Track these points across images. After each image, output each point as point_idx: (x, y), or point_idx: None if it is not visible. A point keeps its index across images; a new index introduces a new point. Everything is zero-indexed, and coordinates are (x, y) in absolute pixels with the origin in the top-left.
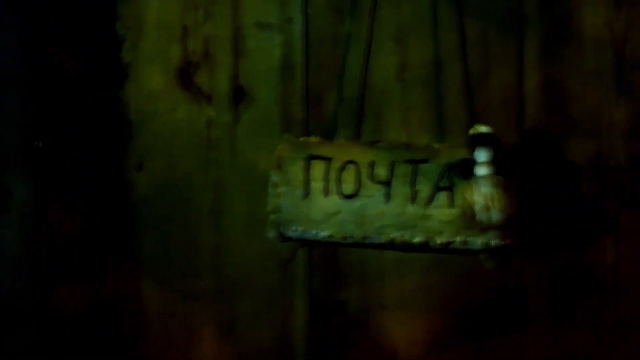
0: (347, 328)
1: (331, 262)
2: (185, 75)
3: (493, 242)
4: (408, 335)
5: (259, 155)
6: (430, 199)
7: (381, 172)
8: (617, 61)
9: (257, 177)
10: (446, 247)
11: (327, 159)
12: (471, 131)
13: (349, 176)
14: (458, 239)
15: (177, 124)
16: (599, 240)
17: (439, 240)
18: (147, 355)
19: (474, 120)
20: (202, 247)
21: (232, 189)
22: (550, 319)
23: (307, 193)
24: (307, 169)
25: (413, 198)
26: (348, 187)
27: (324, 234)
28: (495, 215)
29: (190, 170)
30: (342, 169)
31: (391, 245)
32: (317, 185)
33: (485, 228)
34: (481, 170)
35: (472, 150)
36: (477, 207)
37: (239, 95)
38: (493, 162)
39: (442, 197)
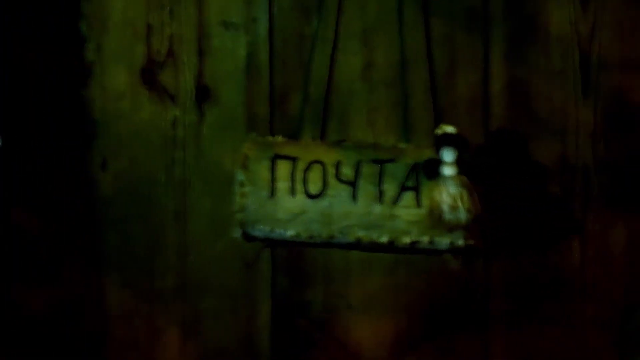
0: (312, 328)
1: (296, 261)
2: (150, 75)
3: (459, 242)
4: (373, 335)
5: (223, 155)
6: (397, 199)
7: (347, 171)
8: (583, 62)
9: (222, 177)
10: (413, 247)
11: (293, 159)
12: (437, 131)
13: (314, 176)
14: (424, 238)
15: (141, 124)
16: (566, 241)
17: (406, 240)
18: (109, 355)
19: (440, 120)
20: (166, 247)
21: (197, 189)
22: (515, 319)
23: (273, 193)
24: (273, 169)
25: (379, 198)
26: (314, 187)
27: (290, 233)
28: (463, 215)
29: (155, 170)
30: (308, 168)
31: (358, 245)
32: (283, 185)
33: (452, 228)
34: (448, 171)
35: (438, 150)
36: (445, 207)
37: (203, 94)
38: (459, 162)
39: (409, 197)
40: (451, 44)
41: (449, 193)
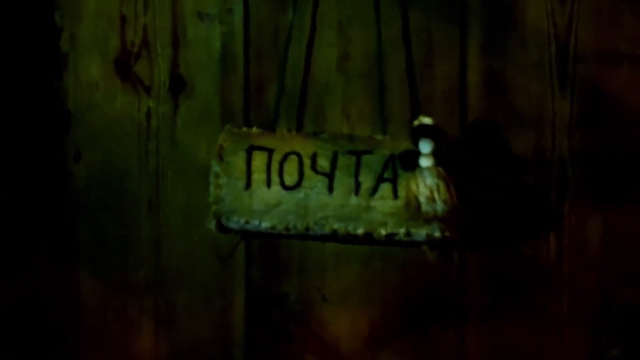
0: (287, 321)
1: (271, 253)
2: (124, 66)
3: (436, 234)
4: (349, 327)
5: (198, 146)
6: (374, 191)
7: (323, 163)
8: (560, 53)
9: (197, 168)
10: (390, 239)
11: (269, 150)
12: (415, 122)
13: (290, 167)
14: (401, 230)
15: (115, 115)
16: (542, 233)
17: (383, 231)
18: (82, 348)
19: (417, 111)
20: (140, 239)
21: (171, 180)
22: (491, 312)
23: (249, 184)
24: (249, 160)
25: (356, 189)
26: (290, 178)
27: (265, 225)
28: (440, 207)
29: (129, 161)
30: (284, 160)
31: (334, 236)
32: (259, 176)
33: (429, 220)
34: (425, 162)
35: (416, 141)
36: (422, 199)
37: (178, 85)
38: (437, 154)
39: (386, 188)
40: (428, 36)
41: (426, 184)
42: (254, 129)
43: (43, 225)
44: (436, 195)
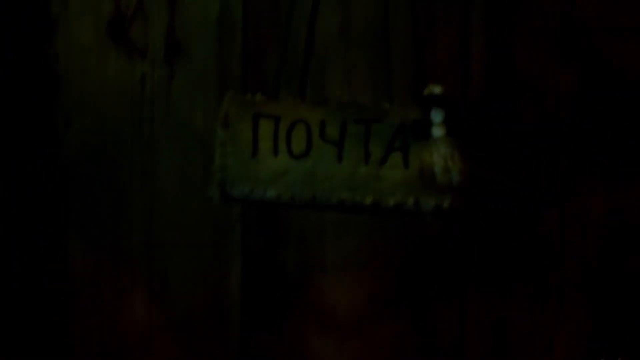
0: (285, 290)
1: (269, 222)
2: (118, 29)
3: (445, 204)
4: (347, 298)
5: (194, 113)
6: (384, 160)
7: (332, 132)
8: (564, 25)
9: (192, 135)
10: (398, 209)
11: (276, 118)
12: (426, 91)
13: (299, 135)
14: (410, 200)
15: (108, 80)
16: (545, 205)
17: (392, 201)
18: (74, 319)
19: (424, 80)
20: (133, 208)
21: (166, 148)
22: (492, 283)
23: (255, 152)
24: (255, 128)
25: (366, 159)
26: (298, 147)
27: (271, 194)
28: (455, 177)
29: (122, 128)
30: (292, 128)
31: (340, 206)
32: (265, 144)
33: (443, 189)
34: (438, 131)
35: (426, 110)
36: (436, 169)
37: (174, 50)
38: (447, 123)
39: (396, 158)
40: (431, 4)
41: (440, 154)
42: (258, 96)
43: (32, 193)
44: (451, 165)
